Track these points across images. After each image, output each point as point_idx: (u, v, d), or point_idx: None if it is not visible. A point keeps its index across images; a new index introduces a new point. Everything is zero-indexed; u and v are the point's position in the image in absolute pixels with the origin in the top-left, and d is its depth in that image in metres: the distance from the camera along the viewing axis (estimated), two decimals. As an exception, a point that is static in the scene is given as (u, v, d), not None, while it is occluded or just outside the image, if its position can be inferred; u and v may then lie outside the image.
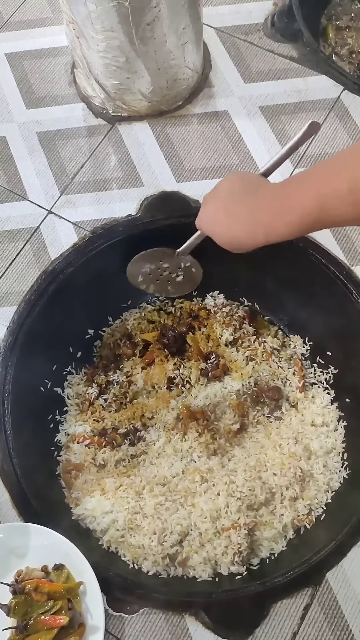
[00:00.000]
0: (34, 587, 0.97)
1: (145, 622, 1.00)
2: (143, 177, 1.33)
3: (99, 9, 1.13)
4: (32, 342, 1.19)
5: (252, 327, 1.30)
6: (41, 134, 1.39)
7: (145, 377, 1.26)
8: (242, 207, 0.86)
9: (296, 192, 0.77)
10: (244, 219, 0.85)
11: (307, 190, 0.75)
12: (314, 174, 0.77)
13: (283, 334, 1.33)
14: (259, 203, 0.84)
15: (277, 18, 1.48)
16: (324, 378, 1.26)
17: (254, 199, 0.85)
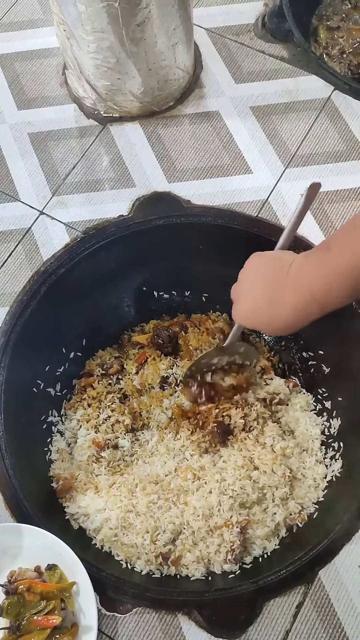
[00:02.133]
0: (27, 587, 0.97)
1: (139, 621, 1.00)
2: (135, 178, 1.34)
3: (89, 10, 1.14)
4: (25, 343, 1.19)
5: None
6: (33, 135, 1.39)
7: (139, 378, 1.26)
8: (283, 292, 0.80)
9: (339, 257, 0.71)
10: (290, 302, 0.79)
11: (351, 252, 0.70)
12: (349, 233, 0.72)
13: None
14: (301, 281, 0.77)
15: (267, 19, 1.48)
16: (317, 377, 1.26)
17: (293, 279, 0.79)
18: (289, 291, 0.79)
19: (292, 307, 0.79)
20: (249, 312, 0.89)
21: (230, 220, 1.28)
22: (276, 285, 0.81)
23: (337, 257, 0.73)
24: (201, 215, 1.29)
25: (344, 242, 0.72)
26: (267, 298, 0.83)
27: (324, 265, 0.74)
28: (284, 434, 1.20)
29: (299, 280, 0.78)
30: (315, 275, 0.76)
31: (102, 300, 1.30)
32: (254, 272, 0.88)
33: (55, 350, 1.25)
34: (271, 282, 0.82)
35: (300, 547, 1.06)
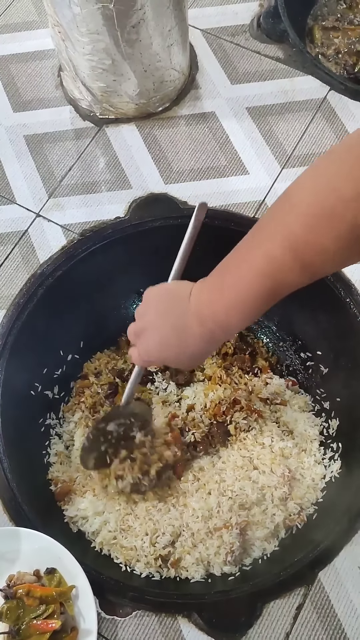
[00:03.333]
0: (26, 591, 0.96)
1: (138, 624, 1.00)
2: (131, 179, 1.33)
3: (84, 11, 1.13)
4: (22, 346, 1.18)
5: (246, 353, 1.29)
6: (28, 137, 1.38)
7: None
8: (187, 324, 0.79)
9: (239, 281, 0.71)
10: (196, 333, 0.79)
11: (250, 275, 0.70)
12: (247, 251, 0.72)
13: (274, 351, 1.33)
14: (202, 312, 0.78)
15: (263, 19, 1.48)
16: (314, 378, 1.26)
17: (194, 310, 0.79)
18: (192, 323, 0.79)
19: (199, 338, 0.79)
20: (157, 347, 0.86)
21: (227, 222, 1.28)
22: (180, 318, 0.81)
23: (232, 287, 0.73)
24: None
25: (236, 272, 0.73)
26: (174, 332, 0.82)
27: (221, 295, 0.75)
28: (282, 435, 1.19)
29: (200, 311, 0.78)
30: (214, 306, 0.76)
31: (99, 302, 1.29)
32: (154, 307, 0.86)
33: (52, 353, 1.25)
34: (174, 316, 0.82)
35: (300, 548, 1.06)
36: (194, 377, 1.27)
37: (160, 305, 0.85)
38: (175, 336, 0.82)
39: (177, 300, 0.82)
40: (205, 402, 1.20)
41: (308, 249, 0.65)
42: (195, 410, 1.20)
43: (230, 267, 0.75)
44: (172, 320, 0.82)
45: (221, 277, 0.76)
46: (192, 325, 0.79)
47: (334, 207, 0.62)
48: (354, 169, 0.61)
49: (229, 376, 1.24)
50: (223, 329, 0.78)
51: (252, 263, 0.70)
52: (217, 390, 1.21)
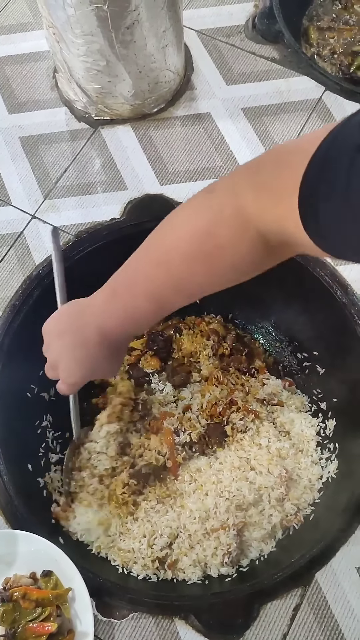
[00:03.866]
0: (22, 594, 0.96)
1: (135, 626, 1.00)
2: (127, 181, 1.33)
3: (78, 13, 1.13)
4: (18, 348, 1.18)
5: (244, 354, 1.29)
6: (24, 139, 1.38)
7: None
8: (86, 334, 0.85)
9: (128, 301, 0.80)
10: (97, 341, 0.84)
11: (138, 299, 0.79)
12: (134, 275, 0.79)
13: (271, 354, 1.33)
14: (99, 322, 0.83)
15: (258, 20, 1.48)
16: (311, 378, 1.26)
17: (92, 326, 0.84)
18: (93, 334, 0.84)
19: (103, 347, 0.85)
20: (73, 370, 0.90)
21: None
22: (79, 335, 0.86)
23: (122, 307, 0.81)
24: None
25: (125, 292, 0.80)
26: (79, 349, 0.87)
27: (112, 308, 0.82)
28: (279, 435, 1.19)
29: (99, 324, 0.84)
30: (110, 321, 0.83)
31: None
32: (54, 335, 0.91)
33: (48, 355, 1.24)
34: (74, 334, 0.87)
35: (297, 549, 1.06)
36: (190, 378, 1.26)
37: (59, 330, 0.90)
38: (83, 352, 0.86)
39: (72, 319, 0.89)
40: (202, 403, 1.20)
41: (185, 284, 0.73)
42: (192, 411, 1.20)
43: (119, 287, 0.82)
44: (74, 339, 0.87)
45: (113, 295, 0.83)
46: (93, 337, 0.85)
47: (211, 253, 0.68)
48: (224, 213, 0.66)
49: (226, 377, 1.24)
50: (119, 337, 0.85)
51: (138, 288, 0.78)
52: (214, 391, 1.21)
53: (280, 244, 0.64)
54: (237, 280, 0.73)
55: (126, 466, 1.13)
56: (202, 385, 1.24)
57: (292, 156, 0.59)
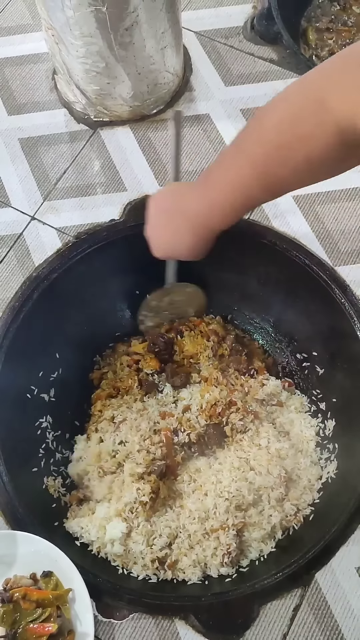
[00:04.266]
0: (22, 595, 0.96)
1: (135, 627, 1.00)
2: (126, 182, 1.34)
3: (77, 14, 1.13)
4: (18, 349, 1.18)
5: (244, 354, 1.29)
6: (23, 141, 1.38)
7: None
8: (179, 222, 0.92)
9: (212, 190, 0.84)
10: (186, 230, 0.91)
11: (226, 188, 0.82)
12: (225, 167, 0.83)
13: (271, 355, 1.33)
14: (188, 211, 0.90)
15: (256, 21, 1.49)
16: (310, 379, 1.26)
17: (183, 210, 0.91)
18: (182, 221, 0.91)
19: (189, 234, 0.91)
20: (158, 245, 0.99)
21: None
22: (173, 217, 0.93)
23: (212, 190, 0.85)
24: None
25: (217, 176, 0.84)
26: (168, 230, 0.95)
27: (203, 195, 0.86)
28: (279, 436, 1.19)
29: (187, 210, 0.90)
30: (197, 205, 0.88)
31: (94, 305, 1.29)
32: (155, 210, 0.98)
33: (48, 356, 1.24)
34: (169, 216, 0.95)
35: (297, 549, 1.06)
36: (190, 379, 1.27)
37: (161, 207, 0.98)
38: (172, 237, 0.95)
39: (173, 201, 0.95)
40: (201, 403, 1.20)
41: (265, 176, 0.76)
42: (191, 411, 1.20)
43: (211, 177, 0.86)
44: (167, 223, 0.95)
45: (205, 184, 0.87)
46: (182, 224, 0.92)
47: (290, 142, 0.71)
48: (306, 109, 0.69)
49: (225, 377, 1.24)
50: (204, 226, 0.90)
51: (227, 179, 0.82)
52: (213, 392, 1.21)
53: (357, 145, 0.67)
54: (310, 179, 0.76)
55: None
56: (202, 385, 1.25)
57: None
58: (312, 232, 1.27)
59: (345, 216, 1.28)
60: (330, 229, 1.27)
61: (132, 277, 1.31)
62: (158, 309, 1.24)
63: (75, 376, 1.28)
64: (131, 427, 1.18)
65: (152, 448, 1.14)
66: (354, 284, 1.22)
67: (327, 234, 1.27)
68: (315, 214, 1.29)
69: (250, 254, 1.26)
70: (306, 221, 1.28)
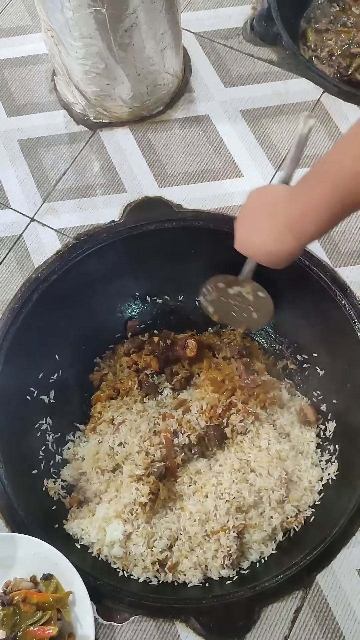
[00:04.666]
0: (23, 598, 0.96)
1: (136, 630, 1.00)
2: (125, 183, 1.33)
3: (76, 16, 1.13)
4: (18, 351, 1.18)
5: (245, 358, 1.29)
6: (22, 142, 1.38)
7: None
8: (266, 220, 0.88)
9: (313, 191, 0.80)
10: (271, 230, 0.87)
11: (324, 184, 0.78)
12: (326, 164, 0.80)
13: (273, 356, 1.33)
14: (281, 210, 0.86)
15: (256, 22, 1.49)
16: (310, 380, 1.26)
17: (276, 212, 0.87)
18: (269, 219, 0.87)
19: (271, 233, 0.87)
20: (241, 240, 0.95)
21: (222, 224, 1.27)
22: (262, 214, 0.89)
23: (307, 193, 0.81)
24: (193, 220, 1.29)
25: (313, 182, 0.81)
26: (253, 226, 0.91)
27: (295, 199, 0.84)
28: (279, 437, 1.19)
29: (278, 209, 0.86)
30: (291, 209, 0.84)
31: (94, 306, 1.29)
32: (250, 204, 0.94)
33: (48, 358, 1.24)
34: (258, 212, 0.91)
35: (298, 551, 1.05)
36: (190, 381, 1.26)
37: (256, 202, 0.93)
38: (255, 234, 0.91)
39: (268, 200, 0.90)
40: (201, 405, 1.20)
41: (353, 185, 0.73)
42: (191, 413, 1.20)
43: (307, 179, 0.82)
44: (254, 219, 0.91)
45: (299, 190, 0.84)
46: (269, 223, 0.87)
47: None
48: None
49: (226, 379, 1.24)
50: (294, 234, 0.84)
51: (325, 174, 0.79)
52: (214, 393, 1.21)
53: None
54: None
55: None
56: (202, 387, 1.24)
57: None
58: (312, 233, 1.27)
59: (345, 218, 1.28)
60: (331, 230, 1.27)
61: (132, 278, 1.31)
62: (224, 293, 1.13)
63: (75, 378, 1.28)
64: (131, 428, 1.18)
65: (151, 449, 1.14)
66: (354, 285, 1.22)
67: (328, 235, 1.27)
68: (315, 215, 1.28)
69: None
70: (306, 222, 1.28)
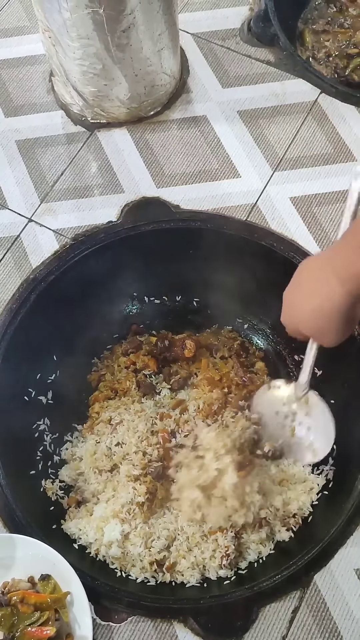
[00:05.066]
0: (20, 598, 0.96)
1: (134, 630, 1.00)
2: (123, 184, 1.33)
3: (74, 16, 1.13)
4: (15, 351, 1.18)
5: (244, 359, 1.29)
6: (20, 142, 1.38)
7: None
8: (327, 273, 0.80)
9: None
10: (314, 283, 0.81)
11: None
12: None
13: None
14: (323, 263, 0.81)
15: (253, 23, 1.49)
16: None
17: (332, 271, 0.80)
18: (330, 285, 0.80)
19: (317, 289, 0.80)
20: (285, 305, 0.89)
21: (220, 225, 1.28)
22: (320, 272, 0.82)
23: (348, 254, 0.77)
24: (190, 220, 1.29)
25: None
26: (300, 288, 0.85)
27: (343, 250, 0.78)
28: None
29: (337, 273, 0.79)
30: (352, 267, 0.77)
31: (92, 307, 1.29)
32: (301, 267, 0.88)
33: (46, 358, 1.24)
34: (316, 271, 0.83)
35: (295, 551, 1.05)
36: (187, 381, 1.26)
37: (300, 277, 0.87)
38: (304, 301, 0.83)
39: (318, 268, 0.83)
40: (198, 404, 1.20)
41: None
42: (189, 412, 1.20)
43: (348, 238, 0.79)
44: (303, 287, 0.85)
45: (345, 244, 0.79)
46: (330, 289, 0.79)
47: None
48: None
49: (223, 379, 1.24)
50: (341, 276, 0.77)
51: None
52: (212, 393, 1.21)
53: None
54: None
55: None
56: (200, 387, 1.24)
57: None
58: (310, 233, 1.27)
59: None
60: (328, 230, 1.27)
61: (130, 279, 1.31)
62: (275, 403, 1.03)
63: (72, 378, 1.28)
64: (128, 428, 1.18)
65: (149, 449, 1.14)
66: (351, 285, 1.22)
67: (325, 236, 1.27)
68: (312, 215, 1.29)
69: (248, 256, 1.26)
70: (304, 223, 1.28)
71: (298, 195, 1.31)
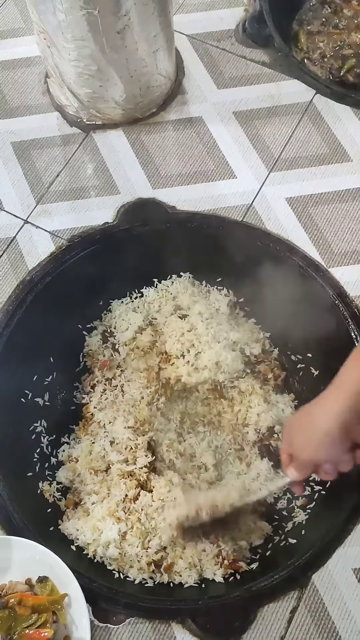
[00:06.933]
0: (18, 600, 0.96)
1: (132, 632, 0.99)
2: (119, 185, 1.33)
3: (69, 18, 1.13)
4: (12, 353, 1.18)
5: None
6: (16, 144, 1.38)
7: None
8: (317, 411, 0.90)
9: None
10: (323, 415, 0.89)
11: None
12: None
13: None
14: (327, 398, 0.90)
15: (248, 24, 1.49)
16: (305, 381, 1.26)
17: (321, 401, 0.91)
18: (320, 409, 0.91)
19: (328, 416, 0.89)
20: (297, 441, 0.93)
21: (216, 226, 1.28)
22: (310, 412, 0.92)
23: (342, 392, 0.89)
24: (186, 221, 1.29)
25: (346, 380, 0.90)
26: (307, 424, 0.91)
27: (336, 396, 0.89)
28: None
29: (324, 404, 0.91)
30: (334, 405, 0.88)
31: (89, 308, 1.29)
32: (292, 418, 0.97)
33: (42, 360, 1.24)
34: (307, 414, 0.92)
35: (293, 551, 1.05)
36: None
37: (292, 427, 0.95)
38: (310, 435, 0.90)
39: (312, 404, 0.93)
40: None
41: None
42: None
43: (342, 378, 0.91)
44: (303, 430, 0.92)
45: (337, 387, 0.91)
46: (322, 409, 0.90)
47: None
48: None
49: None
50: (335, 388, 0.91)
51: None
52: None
53: None
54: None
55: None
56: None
57: None
58: (306, 233, 1.27)
59: (338, 218, 1.29)
60: (324, 230, 1.28)
61: (126, 279, 1.31)
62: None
63: (69, 380, 1.28)
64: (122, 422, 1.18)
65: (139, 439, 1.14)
66: (348, 285, 1.22)
67: (321, 236, 1.27)
68: (309, 215, 1.29)
69: (245, 256, 1.26)
70: (300, 223, 1.28)
71: (294, 196, 1.31)
